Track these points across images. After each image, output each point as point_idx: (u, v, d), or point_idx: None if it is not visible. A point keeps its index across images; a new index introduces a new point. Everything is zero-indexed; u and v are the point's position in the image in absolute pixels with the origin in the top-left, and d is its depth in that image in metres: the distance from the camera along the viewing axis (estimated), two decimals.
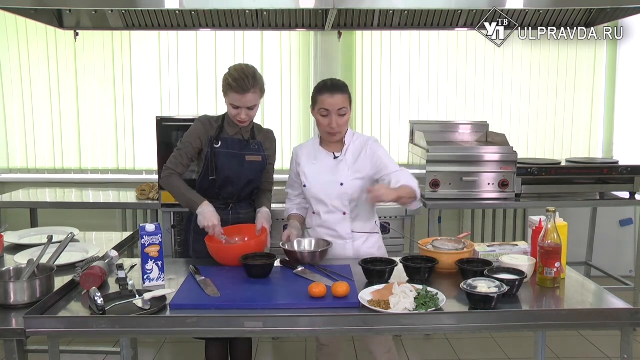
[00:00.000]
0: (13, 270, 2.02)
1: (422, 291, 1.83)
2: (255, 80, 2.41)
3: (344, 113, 2.37)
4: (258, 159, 2.55)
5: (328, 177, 2.43)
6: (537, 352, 2.46)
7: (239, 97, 2.39)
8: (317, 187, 2.44)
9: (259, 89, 2.43)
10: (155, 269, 2.07)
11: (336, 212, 2.44)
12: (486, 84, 4.64)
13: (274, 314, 1.78)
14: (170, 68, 4.54)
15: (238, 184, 2.54)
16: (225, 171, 2.50)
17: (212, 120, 2.56)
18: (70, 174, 4.65)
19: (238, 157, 2.51)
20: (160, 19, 3.93)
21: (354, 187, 2.41)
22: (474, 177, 3.59)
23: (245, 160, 2.52)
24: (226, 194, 2.55)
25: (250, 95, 2.39)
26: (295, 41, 4.54)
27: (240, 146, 2.53)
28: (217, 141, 2.50)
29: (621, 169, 3.70)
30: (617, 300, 1.89)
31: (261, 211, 2.54)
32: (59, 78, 4.56)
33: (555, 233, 2.00)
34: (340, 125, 2.38)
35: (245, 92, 2.38)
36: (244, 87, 2.37)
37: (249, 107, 2.42)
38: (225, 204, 2.55)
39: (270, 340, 3.67)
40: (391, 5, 3.54)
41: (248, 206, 2.62)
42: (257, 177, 2.59)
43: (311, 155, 2.51)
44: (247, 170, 2.53)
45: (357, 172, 2.41)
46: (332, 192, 2.42)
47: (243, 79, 2.38)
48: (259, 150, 2.56)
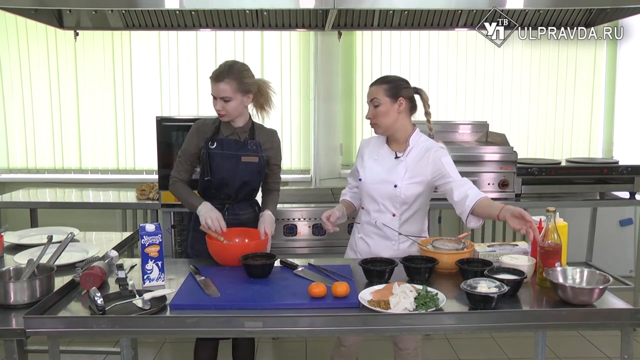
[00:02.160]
0: (13, 270, 2.02)
1: (422, 291, 1.83)
2: (231, 71, 2.43)
3: (377, 104, 2.36)
4: (254, 160, 2.53)
5: (384, 176, 2.40)
6: (537, 352, 2.46)
7: (213, 86, 2.43)
8: (371, 184, 2.42)
9: (235, 80, 2.42)
10: (155, 269, 2.07)
11: (386, 212, 2.40)
12: (486, 84, 4.64)
13: (274, 314, 1.78)
14: (170, 68, 4.54)
15: (233, 185, 2.53)
16: (220, 172, 2.50)
17: (208, 123, 2.56)
18: (70, 174, 4.65)
19: (233, 157, 2.50)
20: (160, 19, 3.93)
21: (408, 190, 2.36)
22: (474, 177, 3.58)
23: (241, 161, 2.51)
24: (223, 195, 2.54)
25: (222, 85, 2.40)
26: (295, 41, 4.54)
27: (236, 147, 2.52)
28: (213, 142, 2.51)
29: (621, 169, 3.70)
30: (617, 300, 1.89)
31: (264, 215, 2.53)
32: (59, 78, 4.56)
33: (555, 233, 1.99)
34: (376, 117, 2.38)
35: (217, 81, 2.41)
36: (217, 76, 2.42)
37: (222, 97, 2.42)
38: (222, 205, 2.54)
39: (270, 340, 3.67)
40: (391, 5, 3.53)
41: (247, 207, 2.61)
42: (254, 179, 2.56)
43: (374, 150, 2.49)
44: (242, 171, 2.52)
45: (415, 176, 2.36)
46: (385, 192, 2.39)
47: (221, 67, 2.45)
48: (256, 151, 2.54)
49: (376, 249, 2.42)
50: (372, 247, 2.44)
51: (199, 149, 2.53)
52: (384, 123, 2.38)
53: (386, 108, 2.36)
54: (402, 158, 2.39)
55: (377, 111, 2.36)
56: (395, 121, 2.38)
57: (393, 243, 2.41)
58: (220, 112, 2.46)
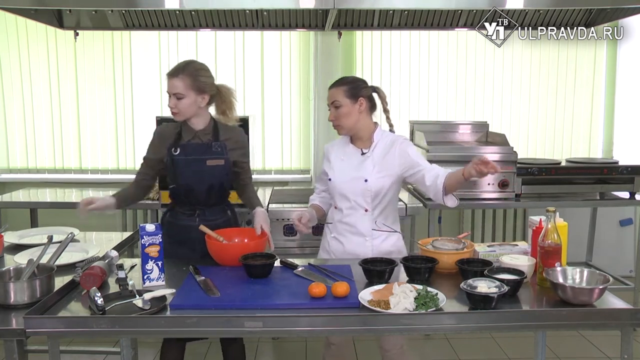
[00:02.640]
0: (13, 270, 2.02)
1: (422, 291, 1.83)
2: (186, 68, 2.41)
3: (338, 106, 2.40)
4: (220, 163, 2.45)
5: (353, 173, 2.44)
6: (537, 352, 2.46)
7: (168, 82, 2.42)
8: (341, 182, 2.46)
9: (189, 77, 2.39)
10: (155, 269, 2.07)
11: (358, 208, 2.44)
12: (486, 84, 4.64)
13: (274, 314, 1.78)
14: (170, 68, 4.51)
15: (201, 190, 2.46)
16: (186, 178, 2.45)
17: (169, 128, 2.51)
18: (70, 174, 4.65)
19: (198, 162, 2.43)
20: (160, 19, 3.93)
21: (378, 184, 2.42)
22: (474, 177, 3.58)
23: (206, 165, 2.44)
24: (192, 200, 2.49)
25: (176, 81, 2.38)
26: (295, 41, 4.54)
27: (200, 151, 2.45)
28: (176, 148, 2.44)
29: (621, 169, 3.70)
30: (617, 300, 1.89)
31: (257, 212, 2.49)
32: (59, 78, 4.56)
33: (555, 233, 1.99)
34: (338, 118, 2.42)
35: (171, 76, 2.40)
36: (172, 71, 2.42)
37: (175, 94, 2.39)
38: (192, 210, 2.49)
39: (270, 340, 3.67)
40: (391, 5, 3.54)
41: (219, 211, 2.55)
42: (221, 182, 2.49)
43: (340, 151, 2.54)
44: (208, 175, 2.45)
45: (383, 170, 2.42)
46: (356, 188, 2.42)
47: (178, 64, 2.44)
48: (221, 153, 2.46)
49: (350, 247, 2.46)
50: (346, 245, 2.48)
51: (162, 155, 2.48)
52: (347, 124, 2.44)
53: (347, 109, 2.41)
54: (368, 154, 2.46)
55: (339, 113, 2.42)
56: (357, 121, 2.45)
57: (367, 239, 2.45)
58: (173, 110, 2.42)
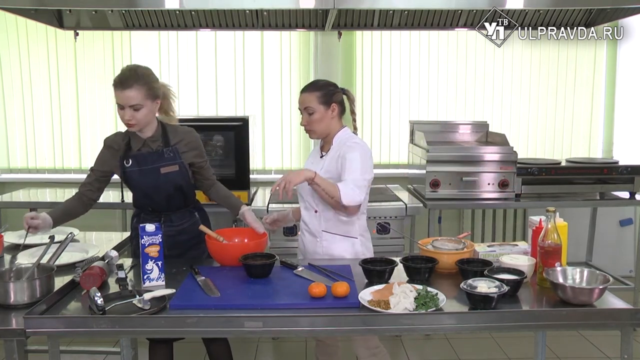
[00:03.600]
0: (13, 271, 2.02)
1: (422, 291, 1.83)
2: (138, 76, 2.26)
3: (311, 112, 2.39)
4: (174, 169, 2.39)
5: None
6: (537, 352, 2.46)
7: (118, 94, 2.25)
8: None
9: (144, 86, 2.26)
10: (155, 269, 2.07)
11: (310, 208, 2.49)
12: (486, 84, 4.64)
13: (274, 314, 1.78)
14: (170, 68, 4.54)
15: (159, 198, 2.42)
16: (141, 189, 2.41)
17: (117, 139, 2.44)
18: (70, 174, 4.65)
19: (151, 171, 2.37)
20: (160, 19, 3.93)
21: None
22: (474, 177, 3.59)
23: (160, 174, 2.37)
24: (154, 207, 2.46)
25: (131, 92, 2.23)
26: (295, 41, 4.54)
27: (152, 159, 2.38)
28: (127, 160, 2.38)
29: (621, 169, 3.70)
30: (617, 300, 1.89)
31: (244, 212, 2.46)
32: (59, 78, 4.56)
33: (555, 233, 2.00)
34: (310, 124, 2.42)
35: (123, 87, 2.23)
36: (123, 81, 2.24)
37: (132, 105, 2.25)
38: (157, 217, 2.44)
39: (270, 340, 3.67)
40: (391, 5, 3.54)
41: (185, 215, 2.50)
42: (180, 186, 2.43)
43: (314, 152, 2.62)
44: (164, 183, 2.39)
45: (328, 172, 2.40)
46: (306, 188, 2.45)
47: (124, 73, 2.27)
48: (174, 159, 2.39)
49: (306, 245, 2.51)
50: (306, 243, 2.52)
51: (110, 167, 2.44)
52: (319, 129, 2.44)
53: (320, 115, 2.41)
54: (325, 156, 2.48)
55: (312, 119, 2.41)
56: (329, 126, 2.45)
57: (317, 240, 2.47)
58: (130, 122, 2.29)
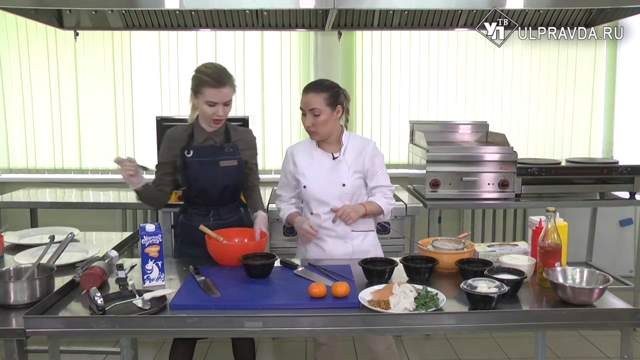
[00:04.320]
0: (13, 270, 2.02)
1: (422, 291, 1.83)
2: (229, 74, 2.39)
3: (317, 114, 2.37)
4: (233, 164, 2.49)
5: (329, 177, 2.44)
6: (537, 352, 2.46)
7: (215, 92, 2.34)
8: (317, 188, 2.44)
9: (233, 83, 2.40)
10: (155, 269, 2.07)
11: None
12: (486, 84, 4.64)
13: (274, 314, 1.78)
14: (170, 68, 4.54)
15: (214, 191, 2.48)
16: (200, 180, 2.46)
17: (179, 130, 2.51)
18: (70, 174, 4.65)
19: (211, 163, 2.45)
20: (160, 19, 3.93)
21: (355, 185, 2.44)
22: (474, 177, 3.59)
23: (219, 166, 2.46)
24: (205, 201, 2.51)
25: (226, 89, 2.35)
26: (295, 41, 4.54)
27: (212, 152, 2.47)
28: (189, 150, 2.45)
29: (621, 169, 3.70)
30: (617, 300, 1.89)
31: (258, 215, 2.51)
32: (59, 78, 4.56)
33: (555, 233, 1.99)
34: (315, 125, 2.39)
35: (221, 85, 2.34)
36: (220, 80, 2.34)
37: (225, 102, 2.37)
38: (206, 210, 2.51)
39: (270, 340, 3.67)
40: (391, 5, 3.54)
41: (232, 210, 2.57)
42: (235, 182, 2.52)
43: (308, 155, 2.50)
44: (221, 176, 2.47)
45: (356, 172, 2.44)
46: (334, 193, 2.42)
47: (218, 72, 2.36)
48: (234, 154, 2.49)
49: (331, 250, 2.46)
50: (326, 249, 2.48)
51: (174, 158, 2.48)
52: (324, 131, 2.42)
53: (326, 117, 2.39)
54: (340, 158, 2.45)
55: (318, 121, 2.38)
56: (333, 127, 2.44)
57: (347, 241, 2.46)
58: (221, 118, 2.41)
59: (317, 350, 2.60)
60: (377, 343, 2.48)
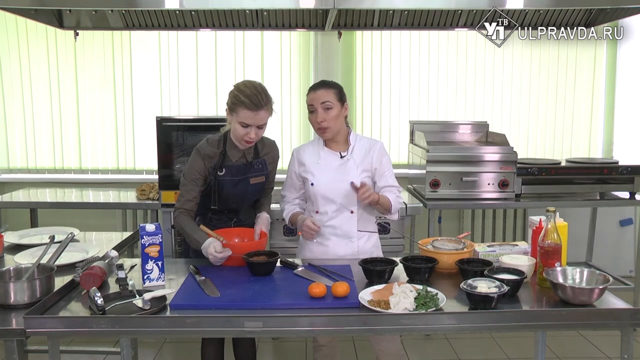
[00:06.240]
0: (13, 270, 2.02)
1: (422, 291, 1.83)
2: (267, 97, 2.32)
3: (330, 107, 2.37)
4: (262, 180, 2.51)
5: (336, 175, 2.44)
6: (537, 352, 2.46)
7: (250, 115, 2.27)
8: (325, 186, 2.44)
9: (271, 106, 2.34)
10: (155, 269, 2.07)
11: (344, 210, 2.45)
12: (486, 84, 4.64)
13: (274, 314, 1.78)
14: (170, 68, 4.54)
15: (242, 205, 2.54)
16: (230, 197, 2.46)
17: (212, 148, 2.42)
18: (70, 174, 4.65)
19: (242, 181, 2.46)
20: (160, 19, 3.93)
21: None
22: (474, 177, 3.59)
23: (250, 184, 2.47)
24: (230, 211, 2.53)
25: (262, 112, 2.29)
26: (295, 41, 4.54)
27: (244, 170, 2.46)
28: (221, 169, 2.41)
29: (621, 169, 3.70)
30: (617, 300, 1.89)
31: (261, 216, 2.53)
32: (59, 78, 4.56)
33: (555, 233, 2.00)
34: (327, 120, 2.38)
35: (258, 108, 2.27)
36: (258, 103, 2.27)
37: (259, 125, 2.32)
38: (228, 217, 2.54)
39: (270, 340, 3.67)
40: (391, 5, 3.53)
41: (250, 214, 2.61)
42: (260, 195, 2.59)
43: (314, 155, 2.50)
44: (251, 193, 2.51)
45: (365, 171, 2.45)
46: (342, 191, 2.42)
47: (256, 95, 2.28)
48: (262, 170, 2.50)
49: (335, 250, 2.46)
50: (331, 248, 2.47)
51: (205, 174, 2.43)
52: (334, 126, 2.42)
53: (337, 112, 2.40)
54: (347, 157, 2.46)
55: (329, 115, 2.38)
56: (342, 125, 2.46)
57: (352, 240, 2.46)
58: (252, 140, 2.35)
59: (317, 352, 2.59)
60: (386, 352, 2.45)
